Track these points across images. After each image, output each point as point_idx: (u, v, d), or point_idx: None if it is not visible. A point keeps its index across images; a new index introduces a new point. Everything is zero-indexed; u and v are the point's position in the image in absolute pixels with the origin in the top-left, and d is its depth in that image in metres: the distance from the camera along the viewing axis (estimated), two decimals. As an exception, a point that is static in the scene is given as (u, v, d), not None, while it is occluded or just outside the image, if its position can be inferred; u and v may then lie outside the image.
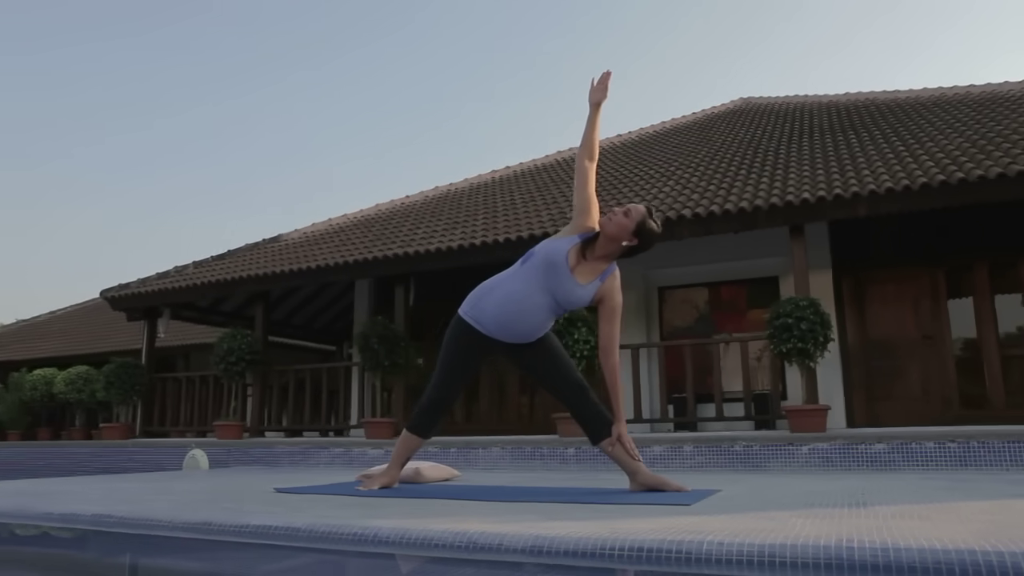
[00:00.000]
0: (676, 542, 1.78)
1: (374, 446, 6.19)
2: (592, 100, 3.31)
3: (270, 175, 57.86)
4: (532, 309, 3.07)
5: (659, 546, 1.78)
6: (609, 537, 1.85)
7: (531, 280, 3.07)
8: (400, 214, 10.12)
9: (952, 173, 6.09)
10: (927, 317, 7.75)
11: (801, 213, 6.55)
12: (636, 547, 1.79)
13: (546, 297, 3.06)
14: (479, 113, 62.53)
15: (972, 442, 4.44)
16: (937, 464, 4.41)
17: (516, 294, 3.08)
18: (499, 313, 3.10)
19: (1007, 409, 7.19)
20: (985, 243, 7.59)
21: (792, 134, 9.31)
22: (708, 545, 1.75)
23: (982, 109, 8.18)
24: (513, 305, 3.08)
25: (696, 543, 1.76)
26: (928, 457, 4.45)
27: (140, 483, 4.15)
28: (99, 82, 47.75)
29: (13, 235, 48.73)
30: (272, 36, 50.60)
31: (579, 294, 3.06)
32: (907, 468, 4.45)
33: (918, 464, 4.45)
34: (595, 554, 1.81)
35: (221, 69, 50.69)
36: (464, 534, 1.98)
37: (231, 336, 8.56)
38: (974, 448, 4.40)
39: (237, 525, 2.29)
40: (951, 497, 2.67)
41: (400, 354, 7.83)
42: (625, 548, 1.80)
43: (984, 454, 4.36)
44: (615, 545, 1.81)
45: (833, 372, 7.51)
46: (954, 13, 51.08)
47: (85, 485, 3.98)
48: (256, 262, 9.18)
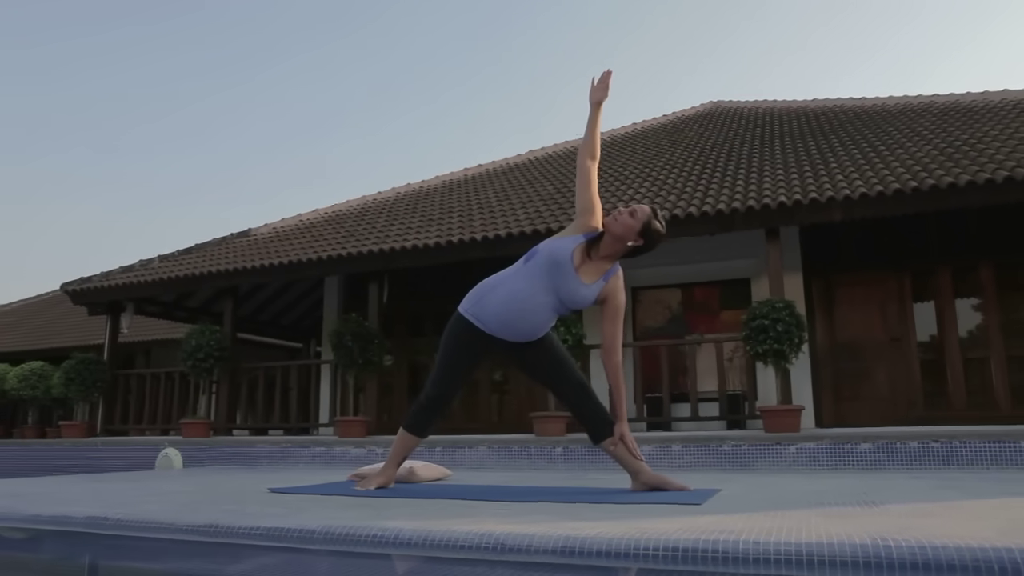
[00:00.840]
0: (712, 541, 1.78)
1: (356, 445, 6.11)
2: (593, 99, 3.30)
3: (234, 173, 56.83)
4: (535, 308, 3.05)
5: (695, 546, 1.78)
6: (642, 537, 1.84)
7: (535, 279, 3.05)
8: (373, 211, 10.01)
9: (923, 180, 6.25)
10: (893, 320, 7.94)
11: (778, 216, 6.65)
12: (672, 547, 1.79)
13: (550, 296, 3.05)
14: (444, 111, 62.28)
15: (954, 442, 4.57)
16: (921, 463, 4.53)
17: (519, 292, 3.06)
18: (501, 311, 3.08)
19: (968, 410, 7.41)
20: (948, 248, 7.81)
21: (763, 138, 9.46)
22: (745, 544, 1.76)
23: (946, 118, 8.42)
24: (516, 303, 3.05)
25: (732, 542, 1.77)
26: (912, 457, 4.57)
27: (121, 483, 4.02)
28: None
29: (8, 230, 47.16)
30: (233, 37, 49.79)
31: (583, 294, 3.06)
32: (892, 467, 4.56)
33: (902, 464, 4.56)
34: (629, 555, 1.81)
35: (184, 68, 49.73)
36: (491, 535, 1.95)
37: (199, 332, 8.37)
38: (956, 448, 4.53)
39: (246, 527, 2.23)
40: (953, 496, 2.73)
41: (374, 352, 7.75)
42: (660, 548, 1.79)
43: (966, 454, 4.49)
44: (649, 545, 1.81)
45: (802, 373, 7.64)
46: (904, 17, 52.54)
47: (61, 486, 3.84)
48: (225, 257, 8.99)
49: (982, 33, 52.25)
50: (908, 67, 57.71)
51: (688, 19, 55.05)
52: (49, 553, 2.41)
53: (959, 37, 53.48)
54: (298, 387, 8.61)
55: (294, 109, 57.01)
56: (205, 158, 54.08)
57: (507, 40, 57.25)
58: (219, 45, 49.52)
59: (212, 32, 47.40)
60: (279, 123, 56.92)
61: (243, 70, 51.97)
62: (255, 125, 56.66)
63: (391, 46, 54.50)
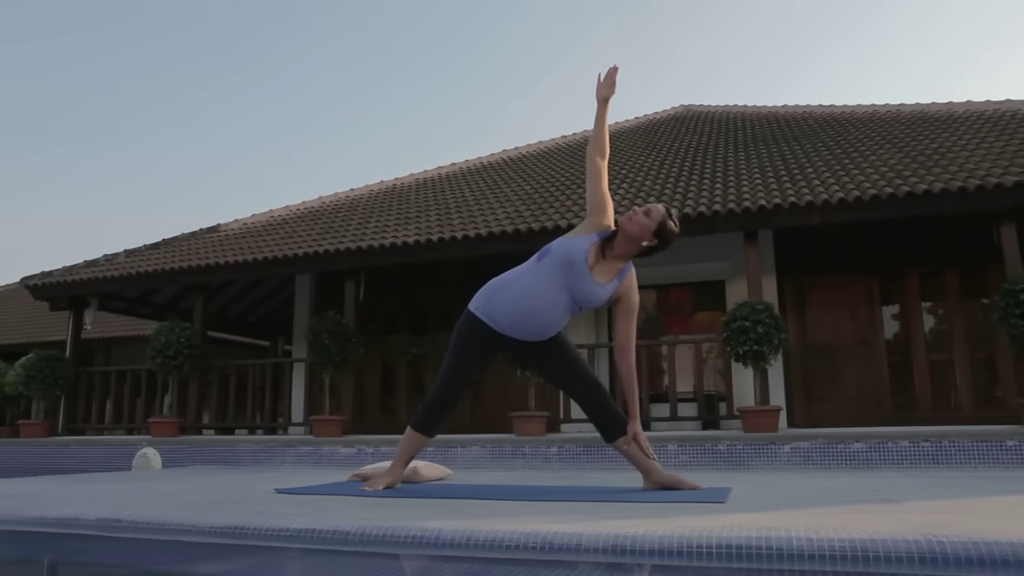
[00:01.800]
0: (766, 539, 1.79)
1: (345, 445, 6.02)
2: (600, 96, 3.29)
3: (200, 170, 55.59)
4: (548, 307, 3.04)
5: (748, 543, 1.79)
6: (694, 535, 1.85)
7: (548, 277, 3.04)
8: (346, 207, 9.88)
9: (899, 187, 6.42)
10: (863, 322, 8.14)
11: (758, 219, 6.76)
12: (725, 544, 1.80)
13: (563, 295, 3.03)
14: (405, 110, 61.90)
15: (943, 441, 4.70)
16: (912, 462, 4.65)
17: (532, 291, 3.04)
18: (513, 310, 3.06)
19: (934, 411, 7.63)
20: (915, 254, 8.04)
21: (736, 142, 9.60)
22: (798, 541, 1.77)
23: (914, 127, 8.66)
24: (528, 302, 3.03)
25: (786, 539, 1.78)
26: (903, 456, 4.69)
27: (111, 484, 3.89)
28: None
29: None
30: (201, 38, 48.73)
31: (597, 293, 3.05)
32: (884, 466, 4.67)
33: (894, 463, 4.67)
34: (682, 552, 1.81)
35: (147, 70, 48.55)
36: (537, 534, 1.94)
37: (169, 329, 8.16)
38: (945, 447, 4.66)
39: (276, 529, 2.17)
40: (964, 493, 2.81)
41: (351, 350, 7.65)
42: (713, 546, 1.80)
43: (955, 453, 4.62)
44: (703, 543, 1.81)
45: (775, 374, 7.77)
46: (844, 28, 53.95)
47: (48, 487, 3.70)
48: (197, 253, 8.78)
49: (917, 46, 53.91)
50: (846, 78, 59.13)
51: (645, 25, 55.65)
52: (61, 556, 2.31)
53: (894, 50, 55.07)
54: (271, 386, 8.45)
55: (257, 110, 56.05)
56: (171, 157, 52.90)
57: (472, 43, 57.15)
58: (174, 49, 48.46)
59: (167, 36, 46.33)
60: (242, 124, 55.90)
61: (205, 73, 50.89)
62: (217, 127, 55.50)
63: (355, 47, 53.93)
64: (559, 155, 11.15)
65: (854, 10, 51.02)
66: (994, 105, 8.81)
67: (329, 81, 56.39)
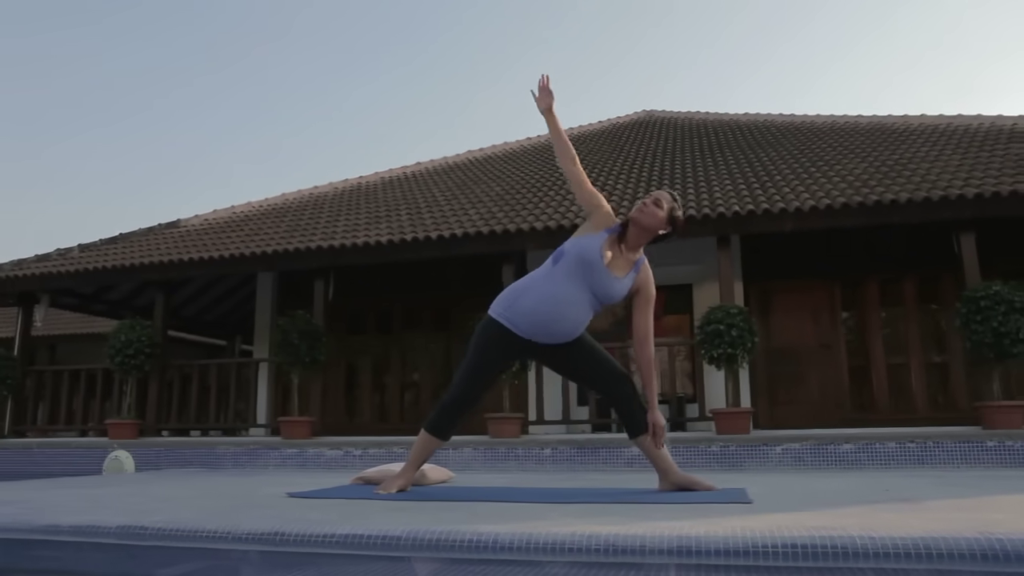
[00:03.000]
0: (829, 537, 1.83)
1: (331, 447, 5.89)
2: (541, 108, 3.29)
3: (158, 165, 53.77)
4: (571, 308, 3.04)
5: (812, 542, 1.82)
6: (757, 536, 1.87)
7: (568, 279, 3.05)
8: (312, 205, 9.71)
9: (867, 195, 6.63)
10: (825, 327, 8.39)
11: (732, 225, 6.89)
12: (790, 544, 1.83)
13: (584, 294, 3.05)
14: (365, 106, 61.15)
15: (928, 442, 4.87)
16: (898, 462, 4.81)
17: (553, 294, 3.04)
18: (535, 314, 3.06)
19: (893, 413, 7.90)
20: (874, 261, 8.32)
21: (703, 148, 9.77)
22: (861, 540, 1.81)
23: (873, 138, 8.96)
24: (549, 305, 3.04)
25: (848, 538, 1.82)
26: (890, 456, 4.84)
27: (101, 488, 3.72)
28: None
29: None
30: (171, 39, 47.25)
31: (617, 288, 3.08)
32: (873, 467, 4.82)
33: (881, 463, 4.82)
34: (748, 552, 1.83)
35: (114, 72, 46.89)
36: (599, 536, 1.94)
37: (129, 327, 7.87)
38: (930, 448, 4.83)
39: (320, 535, 2.11)
40: (969, 492, 2.91)
41: (321, 350, 7.52)
42: (779, 545, 1.83)
43: (938, 453, 4.80)
44: (767, 543, 1.84)
45: (741, 377, 7.93)
46: (780, 39, 55.55)
47: (34, 492, 3.52)
48: (157, 248, 8.51)
49: (844, 58, 55.87)
50: (783, 86, 60.81)
51: (589, 34, 56.22)
52: (86, 567, 2.21)
53: (827, 59, 56.95)
54: (235, 386, 8.23)
55: (220, 109, 54.63)
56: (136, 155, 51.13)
57: (420, 48, 56.79)
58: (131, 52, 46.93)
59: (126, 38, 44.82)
60: (207, 123, 54.44)
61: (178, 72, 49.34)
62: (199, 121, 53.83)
63: (311, 51, 53.01)
64: (526, 157, 11.17)
65: (781, 27, 52.56)
66: (947, 119, 9.19)
67: (293, 78, 55.35)
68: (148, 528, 2.28)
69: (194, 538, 2.20)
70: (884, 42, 53.23)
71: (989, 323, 5.88)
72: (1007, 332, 5.83)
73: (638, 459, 5.11)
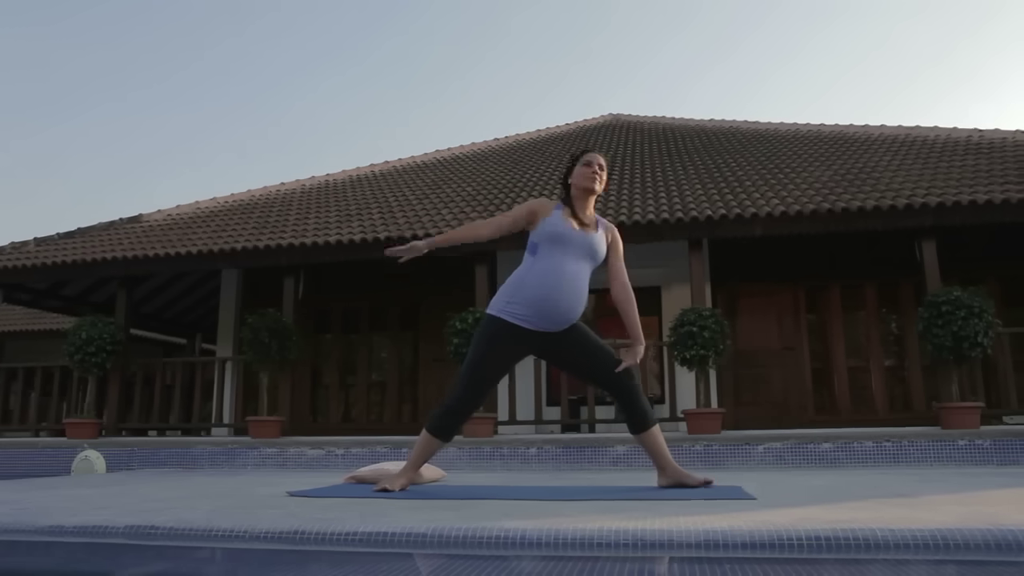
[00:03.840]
0: (852, 531, 1.89)
1: (312, 446, 5.80)
2: (421, 249, 3.27)
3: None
4: (569, 279, 3.13)
5: (835, 534, 1.88)
6: (783, 529, 1.92)
7: (555, 255, 3.14)
8: (280, 202, 9.56)
9: (834, 202, 6.82)
10: (789, 330, 8.60)
11: (704, 228, 7.02)
12: (814, 536, 1.88)
13: (575, 260, 3.16)
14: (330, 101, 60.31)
15: (903, 441, 5.03)
16: (875, 461, 4.96)
17: (551, 269, 3.13)
18: (539, 295, 3.10)
19: (853, 414, 8.15)
20: (837, 267, 8.56)
21: (671, 153, 9.92)
22: (882, 532, 1.88)
23: (836, 146, 9.22)
24: (552, 279, 3.11)
25: (869, 531, 1.89)
26: (868, 455, 4.99)
27: (88, 489, 3.61)
28: None
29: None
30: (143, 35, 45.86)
31: (597, 241, 3.22)
32: (851, 465, 4.96)
33: (859, 461, 4.97)
34: (774, 545, 1.88)
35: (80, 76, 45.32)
36: (626, 531, 1.97)
37: (90, 324, 7.65)
38: (905, 447, 4.99)
39: (342, 533, 2.10)
40: (957, 488, 3.03)
41: (291, 349, 7.42)
42: (803, 538, 1.88)
43: (913, 452, 4.96)
44: (792, 536, 1.89)
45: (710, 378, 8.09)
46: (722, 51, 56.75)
47: (20, 493, 3.40)
48: (119, 243, 8.28)
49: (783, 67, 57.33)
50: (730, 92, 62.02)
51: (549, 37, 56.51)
52: (92, 568, 2.14)
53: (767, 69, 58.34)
54: (200, 385, 8.07)
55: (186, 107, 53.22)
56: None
57: (373, 44, 56.30)
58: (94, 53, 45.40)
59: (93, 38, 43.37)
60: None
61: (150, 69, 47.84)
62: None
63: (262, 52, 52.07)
64: (495, 158, 11.19)
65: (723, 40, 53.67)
66: (906, 130, 9.50)
67: (253, 77, 54.27)
68: (159, 528, 2.22)
69: (209, 537, 2.16)
70: (820, 53, 54.68)
71: (949, 327, 6.10)
72: (966, 336, 6.06)
73: (623, 458, 5.18)
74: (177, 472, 5.34)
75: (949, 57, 49.92)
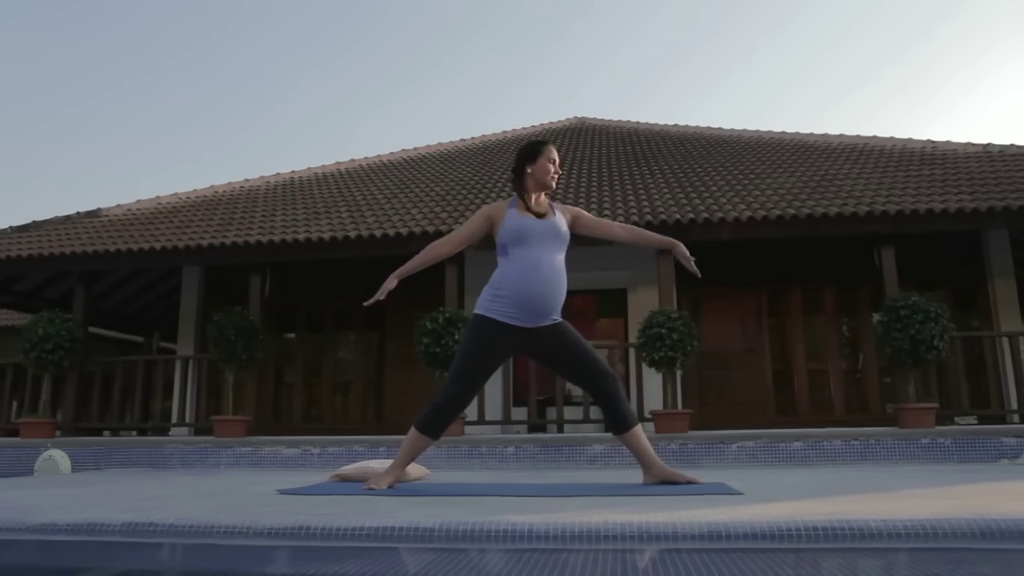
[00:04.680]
0: (847, 521, 1.97)
1: (288, 445, 5.73)
2: (392, 285, 3.45)
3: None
4: (548, 268, 3.18)
5: (832, 525, 1.96)
6: (782, 520, 1.99)
7: (528, 248, 3.18)
8: (245, 199, 9.43)
9: (799, 208, 7.01)
10: (751, 333, 8.79)
11: (673, 233, 7.10)
12: (812, 527, 1.96)
13: (547, 249, 3.20)
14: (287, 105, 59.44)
15: (871, 440, 5.20)
16: (844, 459, 5.11)
17: (529, 262, 3.18)
18: (521, 289, 3.14)
19: (812, 415, 8.35)
20: (798, 272, 8.78)
21: (637, 157, 10.05)
22: (875, 523, 1.97)
23: (797, 154, 9.46)
24: (531, 273, 3.16)
25: (863, 521, 1.97)
26: (836, 453, 5.14)
27: (64, 489, 3.52)
28: None
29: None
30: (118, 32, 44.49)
31: (558, 224, 3.27)
32: (821, 463, 5.10)
33: (828, 459, 5.12)
34: (774, 536, 1.95)
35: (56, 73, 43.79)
36: (631, 524, 2.01)
37: (47, 321, 7.44)
38: (872, 445, 5.16)
39: (349, 528, 2.10)
40: (929, 483, 3.15)
41: (258, 347, 7.33)
42: (802, 529, 1.96)
43: (879, 450, 5.13)
44: (791, 527, 1.96)
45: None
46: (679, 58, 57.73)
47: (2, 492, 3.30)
48: (78, 238, 8.08)
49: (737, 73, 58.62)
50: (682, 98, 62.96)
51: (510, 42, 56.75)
52: (90, 565, 2.11)
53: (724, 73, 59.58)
54: (162, 384, 7.91)
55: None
56: None
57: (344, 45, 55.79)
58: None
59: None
60: None
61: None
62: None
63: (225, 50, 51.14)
64: (462, 158, 11.20)
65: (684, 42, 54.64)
66: (863, 139, 9.80)
67: (221, 72, 53.18)
68: (158, 525, 2.19)
69: (210, 534, 2.14)
70: (769, 61, 56.00)
71: (907, 331, 6.33)
72: (923, 339, 6.29)
73: (599, 457, 5.25)
74: (149, 472, 5.23)
75: (887, 67, 51.62)
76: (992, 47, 47.45)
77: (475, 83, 61.72)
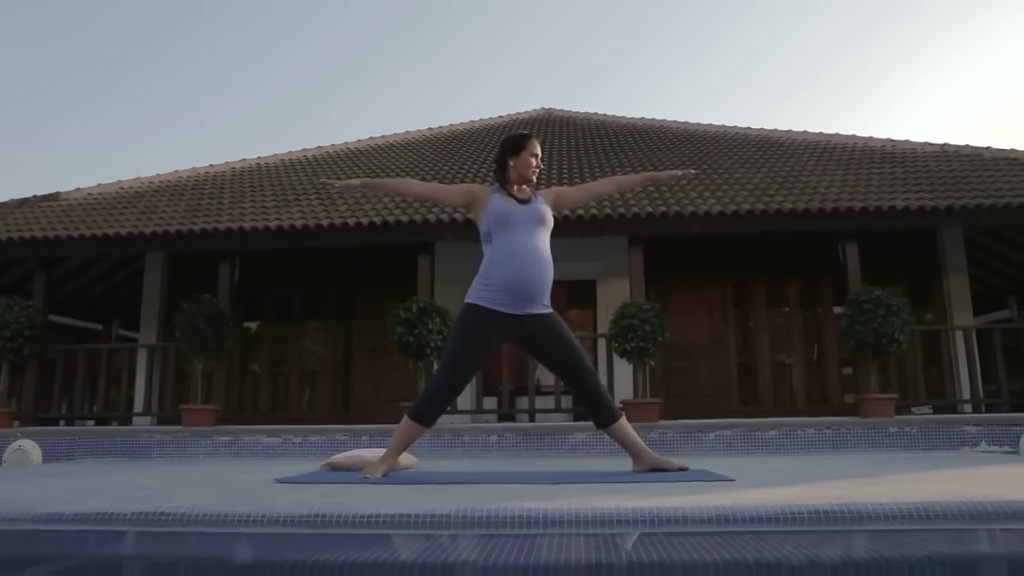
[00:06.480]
0: (846, 504, 2.08)
1: (269, 434, 5.67)
2: (355, 188, 3.64)
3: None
4: (534, 251, 3.24)
5: (831, 508, 2.06)
6: (786, 504, 2.08)
7: (512, 233, 3.23)
8: (211, 185, 9.25)
9: (767, 203, 7.18)
10: (717, 325, 8.97)
11: (644, 225, 7.26)
12: (813, 510, 2.05)
13: (531, 234, 3.26)
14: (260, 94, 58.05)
15: (842, 429, 5.37)
16: (817, 447, 5.28)
17: (515, 247, 3.23)
18: (508, 275, 3.19)
19: (775, 406, 8.58)
20: (763, 265, 8.99)
21: (605, 149, 10.14)
22: (872, 506, 2.07)
23: (763, 150, 9.65)
24: (517, 258, 3.21)
25: (860, 504, 2.08)
26: (809, 441, 5.31)
27: (50, 479, 3.45)
28: None
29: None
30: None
31: (540, 208, 3.34)
32: (794, 451, 5.26)
33: (801, 447, 5.28)
34: (779, 519, 2.04)
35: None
36: (643, 509, 2.08)
37: (6, 307, 7.23)
38: (843, 434, 5.33)
39: (365, 515, 2.12)
40: (904, 470, 3.30)
41: (228, 336, 7.24)
42: (804, 512, 2.05)
43: (850, 439, 5.31)
44: (794, 510, 2.05)
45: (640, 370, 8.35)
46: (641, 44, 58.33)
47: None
48: (37, 222, 7.84)
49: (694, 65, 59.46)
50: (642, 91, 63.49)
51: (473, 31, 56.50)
52: (111, 555, 2.10)
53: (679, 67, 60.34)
54: (127, 373, 7.76)
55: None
56: None
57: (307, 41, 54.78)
58: None
59: None
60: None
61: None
62: None
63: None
64: (429, 147, 11.16)
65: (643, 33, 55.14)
66: (827, 137, 10.05)
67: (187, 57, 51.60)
68: (170, 514, 2.18)
69: (224, 523, 2.14)
70: (719, 59, 56.89)
71: (871, 324, 6.54)
72: (885, 332, 6.52)
73: (581, 445, 5.34)
74: (127, 461, 5.15)
75: (832, 64, 52.85)
76: (926, 48, 48.97)
77: (442, 68, 61.22)
